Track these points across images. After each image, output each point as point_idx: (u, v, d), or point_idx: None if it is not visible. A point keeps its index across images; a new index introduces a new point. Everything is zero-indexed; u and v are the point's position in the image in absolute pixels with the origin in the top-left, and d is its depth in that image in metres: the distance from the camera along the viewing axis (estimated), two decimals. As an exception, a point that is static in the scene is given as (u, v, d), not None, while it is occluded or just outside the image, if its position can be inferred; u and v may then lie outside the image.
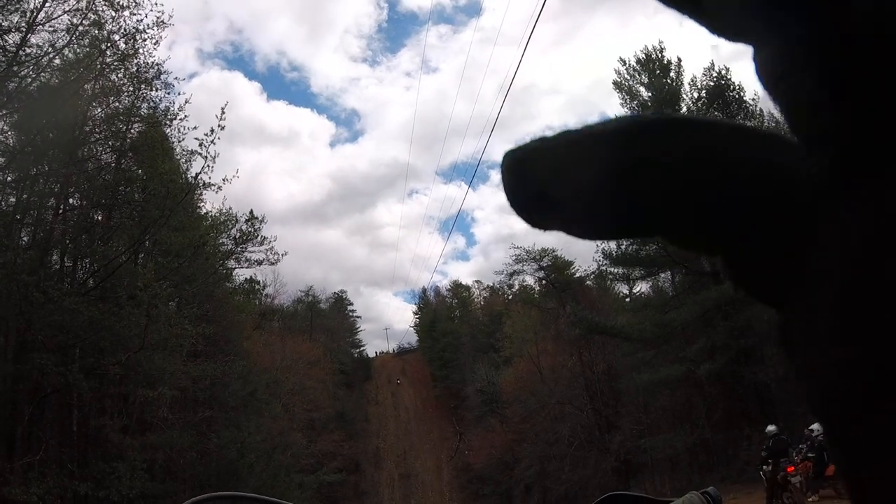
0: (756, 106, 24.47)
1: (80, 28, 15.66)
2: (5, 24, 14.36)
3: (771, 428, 15.83)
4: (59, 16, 15.22)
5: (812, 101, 0.22)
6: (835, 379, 0.20)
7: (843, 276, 0.20)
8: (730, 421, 22.94)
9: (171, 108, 18.90)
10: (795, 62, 0.22)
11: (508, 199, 0.25)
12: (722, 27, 0.24)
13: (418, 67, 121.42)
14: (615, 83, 26.93)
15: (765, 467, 15.45)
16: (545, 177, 0.24)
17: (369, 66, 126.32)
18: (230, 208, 26.84)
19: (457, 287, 66.12)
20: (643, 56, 26.92)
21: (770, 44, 0.23)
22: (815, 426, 15.67)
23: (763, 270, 0.24)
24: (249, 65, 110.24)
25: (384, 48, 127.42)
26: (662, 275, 28.73)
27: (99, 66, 16.22)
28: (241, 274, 32.91)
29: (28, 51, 14.93)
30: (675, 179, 0.23)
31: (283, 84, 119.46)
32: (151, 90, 18.13)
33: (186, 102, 18.87)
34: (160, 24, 16.69)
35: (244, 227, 27.06)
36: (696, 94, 25.57)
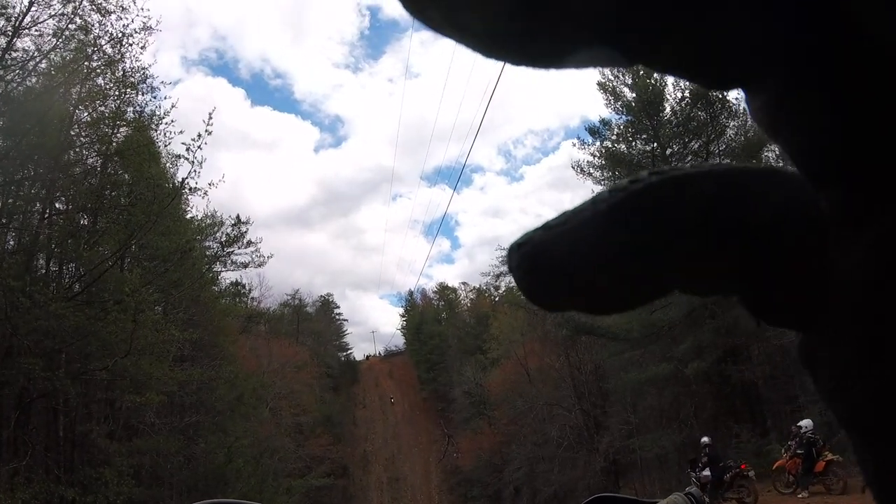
0: (739, 105, 24.64)
1: (67, 32, 15.60)
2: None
3: (705, 439, 17.86)
4: (44, 20, 15.16)
5: (819, 144, 0.22)
6: (863, 396, 0.21)
7: (863, 302, 0.21)
8: (717, 419, 23.10)
9: (158, 113, 18.88)
10: (798, 107, 0.22)
11: (524, 293, 0.24)
12: (715, 80, 0.24)
13: (400, 73, 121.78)
14: (599, 84, 26.99)
15: (700, 473, 17.09)
16: (559, 267, 0.23)
17: (352, 73, 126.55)
18: (215, 211, 26.82)
19: (443, 289, 66.14)
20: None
21: (768, 89, 0.23)
22: (804, 423, 15.96)
23: (782, 303, 0.24)
24: (233, 71, 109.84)
25: (366, 55, 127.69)
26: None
27: (85, 71, 16.14)
28: (227, 277, 32.80)
29: (14, 55, 14.86)
30: (689, 237, 0.23)
31: (267, 90, 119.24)
32: (137, 94, 18.09)
33: (173, 107, 18.81)
34: (147, 28, 16.67)
35: (230, 231, 27.04)
36: (679, 95, 25.70)
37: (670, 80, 25.98)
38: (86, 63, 16.14)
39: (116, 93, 17.45)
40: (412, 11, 0.22)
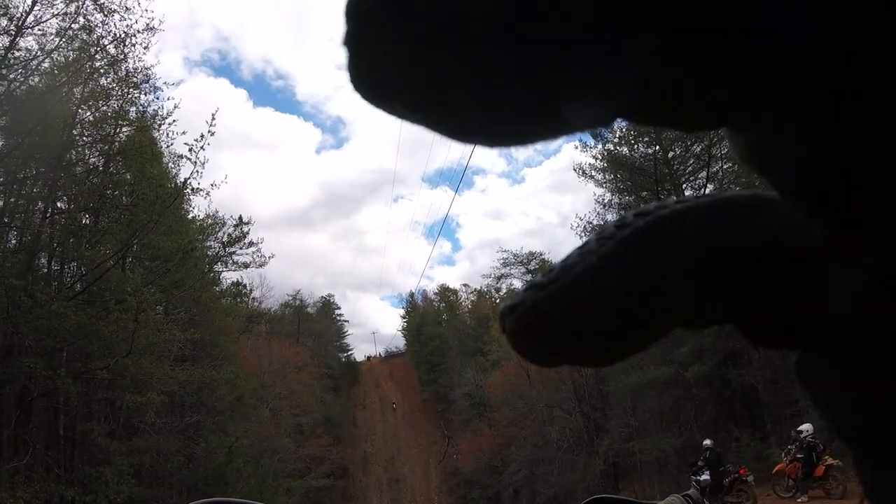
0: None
1: (70, 32, 15.64)
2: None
3: (707, 442, 17.88)
4: (47, 19, 15.21)
5: (811, 179, 0.22)
6: (859, 416, 0.21)
7: (857, 329, 0.21)
8: (717, 423, 23.07)
9: (160, 113, 18.94)
10: (788, 145, 0.22)
11: (521, 355, 0.24)
12: (697, 126, 0.23)
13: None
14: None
15: (700, 477, 17.03)
16: (554, 331, 0.23)
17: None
18: (216, 211, 26.83)
19: (444, 291, 66.06)
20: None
21: (753, 129, 0.22)
22: (804, 427, 15.94)
23: (777, 328, 0.24)
24: (236, 72, 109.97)
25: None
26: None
27: (88, 70, 16.17)
28: (228, 278, 32.81)
29: (17, 54, 14.89)
30: (683, 278, 0.23)
31: (269, 91, 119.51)
32: (140, 94, 18.14)
33: (176, 108, 18.88)
34: (150, 29, 16.71)
35: (232, 232, 27.05)
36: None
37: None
38: (88, 63, 16.18)
39: (119, 93, 17.50)
40: (377, 104, 0.22)
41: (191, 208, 23.95)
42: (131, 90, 17.69)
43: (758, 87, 0.21)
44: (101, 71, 16.77)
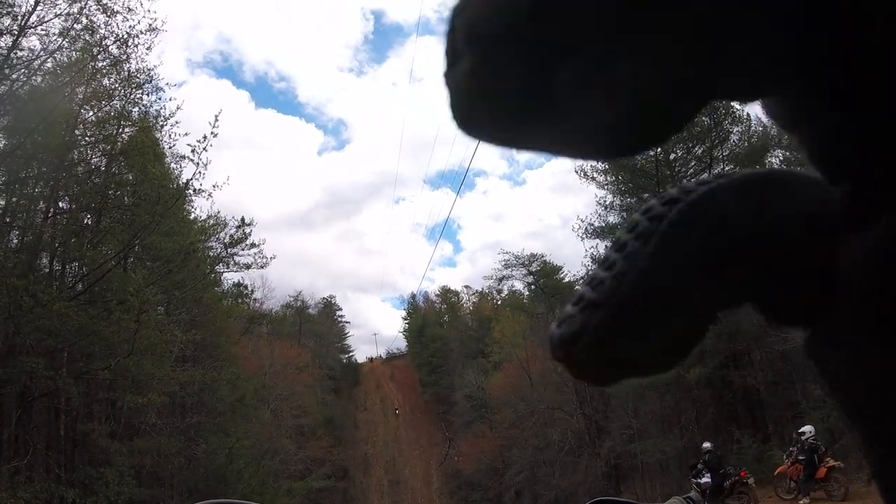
0: (743, 111, 24.62)
1: (73, 32, 15.66)
2: (-4, 27, 14.34)
3: (706, 445, 17.91)
4: (50, 19, 15.22)
5: (833, 140, 0.22)
6: (870, 385, 0.21)
7: (871, 292, 0.21)
8: (719, 425, 23.02)
9: (163, 113, 18.96)
10: (814, 107, 0.22)
11: (591, 383, 0.23)
12: (736, 93, 0.23)
13: (403, 77, 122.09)
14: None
15: (701, 480, 17.04)
16: (632, 350, 0.22)
17: (356, 76, 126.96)
18: (218, 212, 26.81)
19: (446, 292, 65.96)
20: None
21: (785, 92, 0.23)
22: (805, 429, 15.92)
23: (791, 303, 0.24)
24: (238, 74, 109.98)
25: (370, 59, 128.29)
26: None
27: (91, 71, 16.19)
28: (230, 279, 32.78)
29: (20, 53, 14.91)
30: (722, 265, 0.22)
31: (272, 93, 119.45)
32: (142, 94, 18.17)
33: (178, 108, 18.89)
34: (153, 29, 16.73)
35: (234, 233, 27.03)
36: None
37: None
38: (91, 63, 16.19)
39: (122, 93, 17.53)
40: (489, 139, 0.22)
41: (192, 209, 23.94)
42: (134, 91, 17.75)
43: (788, 50, 0.21)
44: (104, 71, 16.81)
